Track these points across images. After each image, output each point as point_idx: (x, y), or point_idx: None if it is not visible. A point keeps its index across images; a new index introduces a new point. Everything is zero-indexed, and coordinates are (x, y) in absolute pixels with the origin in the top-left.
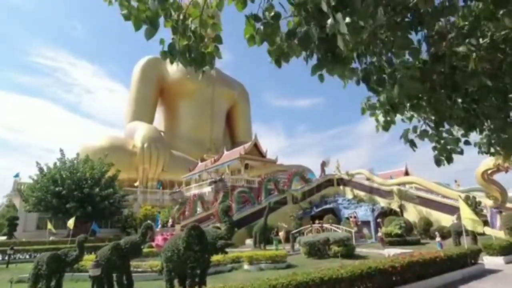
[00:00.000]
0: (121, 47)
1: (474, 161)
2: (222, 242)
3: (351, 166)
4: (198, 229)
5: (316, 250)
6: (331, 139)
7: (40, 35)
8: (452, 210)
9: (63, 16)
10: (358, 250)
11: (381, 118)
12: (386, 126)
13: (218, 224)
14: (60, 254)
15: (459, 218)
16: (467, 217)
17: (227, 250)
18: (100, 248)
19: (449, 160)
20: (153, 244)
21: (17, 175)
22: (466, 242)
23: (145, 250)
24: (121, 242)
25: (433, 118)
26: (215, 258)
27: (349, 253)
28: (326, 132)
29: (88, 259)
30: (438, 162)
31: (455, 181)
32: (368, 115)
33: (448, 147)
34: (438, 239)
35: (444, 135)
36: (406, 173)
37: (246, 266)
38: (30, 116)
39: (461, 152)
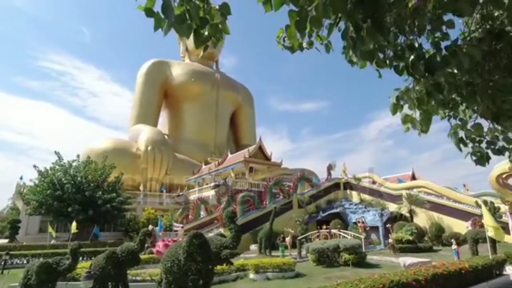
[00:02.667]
0: (127, 52)
1: (474, 167)
2: (227, 252)
3: (355, 170)
4: (201, 237)
5: (325, 258)
6: (335, 143)
7: (48, 40)
8: (465, 215)
9: (70, 21)
10: (369, 258)
11: (416, 116)
12: (424, 125)
13: (221, 229)
14: (51, 263)
15: (473, 224)
16: (491, 225)
17: (232, 260)
18: (101, 253)
19: (488, 160)
20: (154, 250)
21: (21, 178)
22: (489, 251)
23: (145, 256)
24: (117, 250)
25: (469, 113)
26: (219, 266)
27: (360, 261)
28: (330, 136)
29: (86, 266)
30: (480, 161)
31: (464, 186)
32: (374, 117)
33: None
34: (454, 246)
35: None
36: (413, 177)
37: (251, 275)
38: (36, 119)
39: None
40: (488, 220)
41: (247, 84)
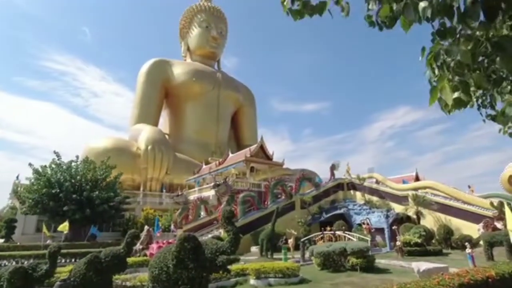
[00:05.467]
0: (129, 52)
1: (477, 169)
2: (223, 258)
3: (355, 171)
4: (193, 240)
5: (331, 262)
6: (336, 144)
7: (50, 40)
8: (476, 217)
9: (72, 22)
10: (376, 261)
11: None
12: (465, 95)
13: (221, 231)
14: (26, 268)
15: (486, 226)
16: (510, 229)
17: (229, 267)
18: None
19: None
20: (147, 253)
21: (17, 177)
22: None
23: (139, 259)
24: (101, 255)
25: None
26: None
27: (368, 265)
28: (331, 137)
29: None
30: None
31: (469, 187)
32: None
33: None
34: (468, 250)
35: None
36: (417, 178)
37: (252, 281)
38: (38, 119)
39: None
40: (509, 224)
41: (247, 84)
